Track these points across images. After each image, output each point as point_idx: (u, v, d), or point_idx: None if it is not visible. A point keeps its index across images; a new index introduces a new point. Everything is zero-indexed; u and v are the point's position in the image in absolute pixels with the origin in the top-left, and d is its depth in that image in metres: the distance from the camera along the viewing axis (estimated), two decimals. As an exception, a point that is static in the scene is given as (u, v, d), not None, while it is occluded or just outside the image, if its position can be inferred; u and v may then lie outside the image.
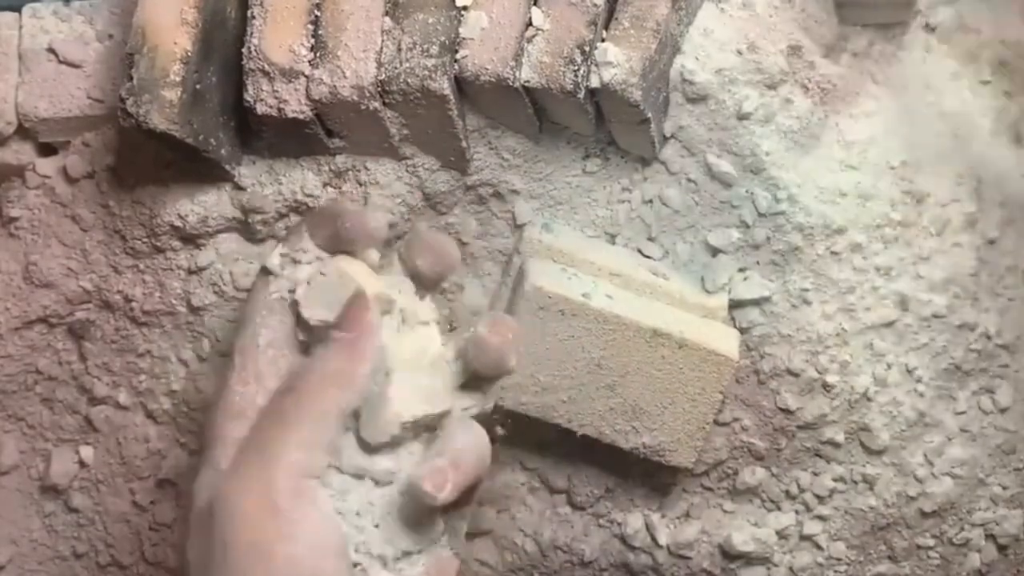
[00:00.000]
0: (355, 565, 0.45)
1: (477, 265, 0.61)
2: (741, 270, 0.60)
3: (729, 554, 0.62)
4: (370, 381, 0.45)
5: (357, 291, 0.47)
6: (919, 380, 0.61)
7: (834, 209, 0.59)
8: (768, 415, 0.61)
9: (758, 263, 0.60)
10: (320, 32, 0.55)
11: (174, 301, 0.62)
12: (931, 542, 0.63)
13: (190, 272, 0.61)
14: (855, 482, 0.62)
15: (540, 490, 0.63)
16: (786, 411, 0.61)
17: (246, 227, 0.60)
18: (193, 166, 0.59)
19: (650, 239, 0.60)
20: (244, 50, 0.55)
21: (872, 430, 0.61)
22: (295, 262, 0.48)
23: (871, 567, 0.63)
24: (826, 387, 0.60)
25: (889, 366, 0.61)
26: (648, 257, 0.60)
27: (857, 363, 0.60)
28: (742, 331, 0.60)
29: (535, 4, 0.54)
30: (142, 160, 0.61)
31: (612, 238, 0.60)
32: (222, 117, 0.58)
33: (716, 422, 0.61)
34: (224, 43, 0.57)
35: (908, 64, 0.62)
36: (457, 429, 0.47)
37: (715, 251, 0.60)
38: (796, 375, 0.60)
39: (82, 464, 0.65)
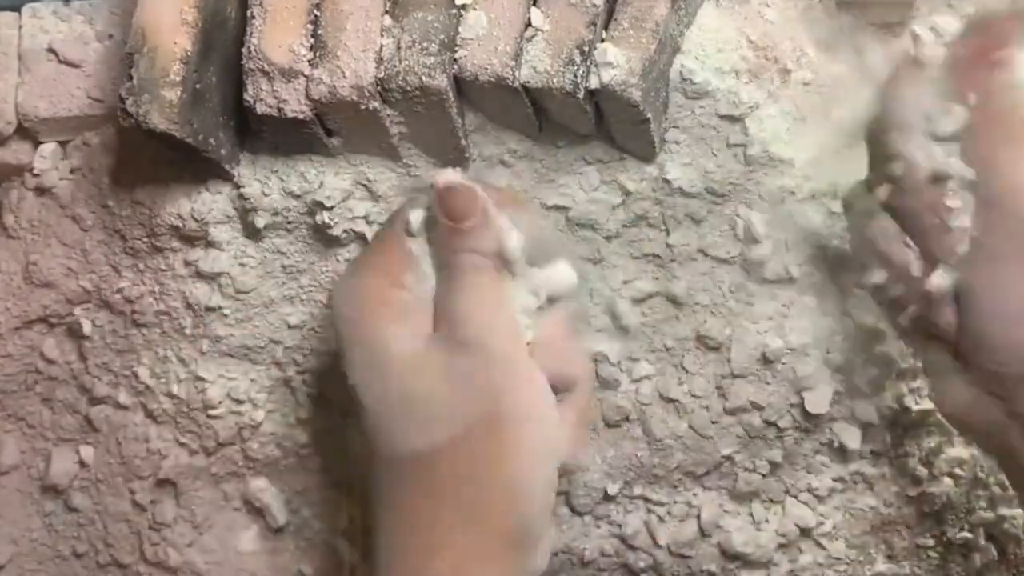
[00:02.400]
0: None
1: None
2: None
3: (729, 554, 0.62)
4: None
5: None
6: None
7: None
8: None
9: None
10: (320, 32, 0.55)
11: (174, 301, 0.62)
12: (931, 542, 0.63)
13: (190, 272, 0.61)
14: (855, 482, 0.62)
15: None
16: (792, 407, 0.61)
17: (245, 227, 0.60)
18: (193, 166, 0.59)
19: (650, 241, 0.60)
20: (244, 50, 0.55)
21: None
22: None
23: (871, 567, 0.63)
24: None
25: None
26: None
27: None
28: None
29: (534, 4, 0.54)
30: (142, 160, 0.61)
31: (611, 239, 0.60)
32: (222, 117, 0.58)
33: (713, 422, 0.61)
34: (224, 43, 0.57)
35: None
36: None
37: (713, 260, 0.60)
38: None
39: (82, 464, 0.65)
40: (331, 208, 0.58)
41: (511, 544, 0.47)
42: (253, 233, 0.60)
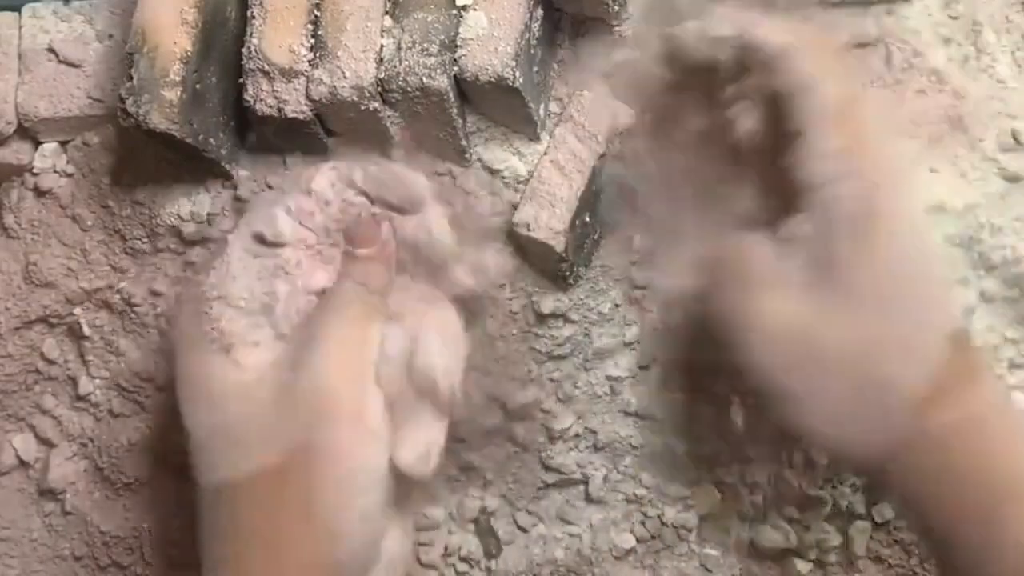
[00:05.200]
0: None
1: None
2: None
3: None
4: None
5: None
6: None
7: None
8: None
9: None
10: (320, 32, 0.55)
11: (174, 301, 0.62)
12: None
13: (189, 273, 0.61)
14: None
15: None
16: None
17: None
18: (193, 166, 0.59)
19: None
20: (244, 50, 0.55)
21: None
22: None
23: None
24: None
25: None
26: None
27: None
28: None
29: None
30: (142, 160, 0.61)
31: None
32: (222, 117, 0.58)
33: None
34: (224, 43, 0.57)
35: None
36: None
37: None
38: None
39: (82, 465, 0.65)
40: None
41: None
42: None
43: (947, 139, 0.59)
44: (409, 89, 0.54)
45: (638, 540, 0.62)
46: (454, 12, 0.54)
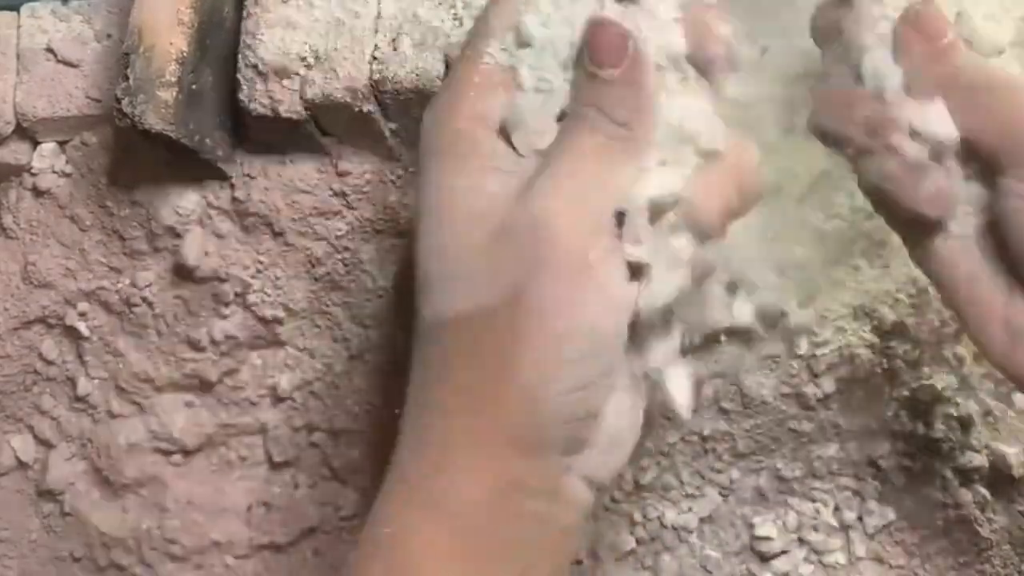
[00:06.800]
0: None
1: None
2: None
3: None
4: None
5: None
6: None
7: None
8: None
9: None
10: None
11: (172, 301, 0.62)
12: None
13: (188, 272, 0.61)
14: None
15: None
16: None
17: (243, 227, 0.60)
18: (190, 166, 0.59)
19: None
20: (239, 50, 0.55)
21: None
22: None
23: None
24: None
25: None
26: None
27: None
28: None
29: None
30: (140, 160, 0.61)
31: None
32: (218, 117, 0.58)
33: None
34: (220, 43, 0.57)
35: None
36: None
37: None
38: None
39: (80, 466, 0.65)
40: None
41: (517, 448, 0.40)
42: (249, 233, 0.60)
43: None
44: (403, 91, 0.53)
45: (638, 541, 0.62)
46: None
